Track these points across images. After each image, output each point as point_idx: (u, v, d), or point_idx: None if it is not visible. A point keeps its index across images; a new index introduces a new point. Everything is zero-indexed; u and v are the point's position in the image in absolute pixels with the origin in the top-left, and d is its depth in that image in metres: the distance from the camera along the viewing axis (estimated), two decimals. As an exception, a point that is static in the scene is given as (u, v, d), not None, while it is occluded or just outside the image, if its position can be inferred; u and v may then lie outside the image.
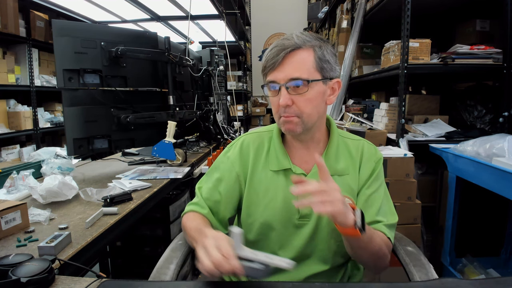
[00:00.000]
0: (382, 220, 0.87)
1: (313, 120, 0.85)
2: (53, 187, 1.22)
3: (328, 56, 0.84)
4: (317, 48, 0.82)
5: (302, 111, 0.82)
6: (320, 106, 0.85)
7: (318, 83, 0.82)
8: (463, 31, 2.40)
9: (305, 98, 0.81)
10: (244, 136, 0.99)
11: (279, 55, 0.80)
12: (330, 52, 0.85)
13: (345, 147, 0.93)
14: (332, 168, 0.88)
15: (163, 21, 3.40)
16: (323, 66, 0.83)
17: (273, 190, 0.91)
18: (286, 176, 0.90)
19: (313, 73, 0.82)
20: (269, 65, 0.82)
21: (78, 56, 1.50)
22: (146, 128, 1.78)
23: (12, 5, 3.04)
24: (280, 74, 0.81)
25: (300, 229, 0.90)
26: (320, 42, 0.84)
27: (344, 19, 3.41)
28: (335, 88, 0.88)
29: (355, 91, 3.42)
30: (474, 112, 2.26)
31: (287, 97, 0.81)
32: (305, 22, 7.02)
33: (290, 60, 0.81)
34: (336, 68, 0.86)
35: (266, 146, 0.94)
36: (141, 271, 1.71)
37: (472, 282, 0.66)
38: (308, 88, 0.81)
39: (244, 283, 0.79)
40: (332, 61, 0.84)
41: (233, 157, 0.95)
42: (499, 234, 2.03)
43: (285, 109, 0.82)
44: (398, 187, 1.86)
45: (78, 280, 0.70)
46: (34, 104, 3.43)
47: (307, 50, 0.82)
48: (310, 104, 0.82)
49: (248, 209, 0.93)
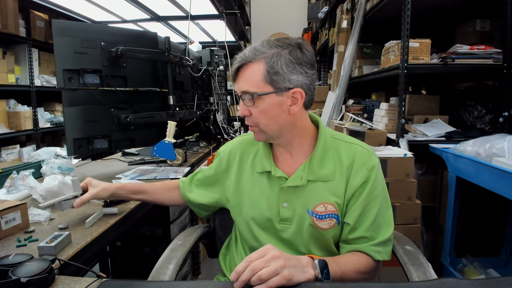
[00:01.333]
0: (372, 237, 0.85)
1: (274, 130, 0.86)
2: (53, 187, 1.22)
3: (279, 67, 0.80)
4: (268, 59, 0.80)
5: (258, 121, 0.86)
6: (279, 117, 0.84)
7: (270, 95, 0.82)
8: (463, 31, 2.40)
9: (258, 110, 0.84)
10: (240, 136, 1.05)
11: (233, 68, 0.86)
12: (287, 61, 0.80)
13: (335, 151, 0.89)
14: (315, 174, 0.87)
15: (163, 21, 3.40)
16: (273, 78, 0.81)
17: (257, 191, 0.93)
18: (268, 178, 0.92)
19: (262, 86, 0.82)
20: (231, 77, 0.88)
21: (78, 56, 1.50)
22: (146, 128, 1.78)
23: (12, 5, 3.04)
24: (236, 86, 0.86)
25: (282, 232, 0.90)
26: (279, 50, 0.81)
27: (344, 19, 3.41)
28: (297, 97, 0.83)
29: (355, 91, 3.41)
30: (474, 112, 2.26)
31: (244, 107, 0.86)
32: (305, 22, 7.02)
33: (241, 73, 0.85)
34: (292, 78, 0.81)
35: (256, 148, 0.98)
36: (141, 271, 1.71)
37: (472, 282, 0.66)
38: (255, 102, 0.83)
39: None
40: (285, 72, 0.80)
41: (223, 153, 1.04)
42: (499, 234, 2.03)
43: (245, 118, 0.87)
44: (398, 187, 1.86)
45: (78, 280, 0.70)
46: (34, 104, 3.43)
47: (257, 63, 0.82)
48: (265, 115, 0.84)
49: (236, 208, 0.98)
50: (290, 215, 0.88)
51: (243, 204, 0.95)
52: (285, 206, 0.89)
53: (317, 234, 0.88)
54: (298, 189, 0.88)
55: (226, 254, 1.09)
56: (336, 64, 3.55)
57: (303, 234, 0.88)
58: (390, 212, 0.90)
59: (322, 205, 0.87)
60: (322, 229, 0.87)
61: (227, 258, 1.07)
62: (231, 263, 1.03)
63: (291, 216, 0.88)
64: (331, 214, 0.87)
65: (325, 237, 0.88)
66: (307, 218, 0.87)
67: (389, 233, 0.87)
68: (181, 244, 0.95)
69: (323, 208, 0.86)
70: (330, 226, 0.87)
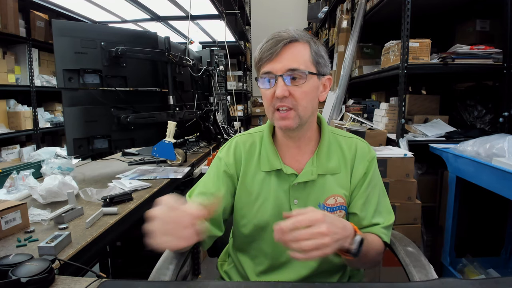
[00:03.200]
0: (379, 222, 0.88)
1: (308, 114, 0.84)
2: (53, 187, 1.22)
3: (322, 52, 0.85)
4: (313, 43, 0.83)
5: (298, 103, 0.81)
6: (314, 101, 0.86)
7: (313, 77, 0.83)
8: (463, 31, 2.40)
9: (302, 90, 0.81)
10: (236, 137, 0.98)
11: (277, 46, 0.79)
12: (323, 49, 0.86)
13: (337, 145, 0.93)
14: (323, 167, 0.88)
15: (163, 21, 3.40)
16: (319, 60, 0.84)
17: (265, 191, 0.90)
18: (277, 176, 0.90)
19: (309, 66, 0.82)
20: (266, 56, 0.81)
21: (78, 56, 1.50)
22: (146, 128, 1.78)
23: (12, 5, 3.04)
24: (278, 65, 0.80)
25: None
26: (314, 38, 0.86)
27: (344, 19, 3.41)
28: (327, 85, 0.88)
29: (355, 91, 3.42)
30: (474, 112, 2.26)
31: (284, 88, 0.80)
32: (305, 22, 7.02)
33: (288, 51, 0.80)
34: (328, 65, 0.87)
35: (258, 147, 0.94)
36: (141, 271, 1.71)
37: (472, 282, 0.66)
38: (305, 80, 0.81)
39: (244, 283, 0.79)
40: (325, 57, 0.86)
41: (225, 159, 0.94)
42: (499, 234, 2.03)
43: (281, 100, 0.81)
44: (398, 187, 1.86)
45: (78, 280, 0.70)
46: (34, 104, 3.43)
47: (303, 43, 0.82)
48: (306, 97, 0.82)
49: (241, 211, 0.93)
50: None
51: (248, 206, 0.92)
52: (296, 203, 0.88)
53: None
54: (309, 184, 0.88)
55: (224, 261, 1.08)
56: (336, 64, 3.55)
57: None
58: (388, 200, 0.94)
59: (332, 198, 0.88)
60: None
61: (225, 265, 1.06)
62: (229, 271, 1.03)
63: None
64: (340, 206, 0.89)
65: None
66: None
67: (392, 219, 0.91)
68: (181, 244, 0.95)
69: (334, 201, 0.88)
70: (340, 217, 0.87)
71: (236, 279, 1.00)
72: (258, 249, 0.93)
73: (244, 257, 0.98)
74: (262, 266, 0.94)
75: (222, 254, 1.10)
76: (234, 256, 1.01)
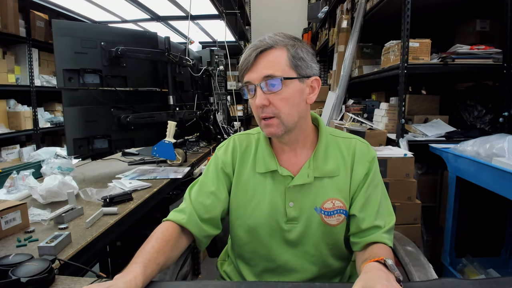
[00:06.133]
0: (381, 224, 0.85)
1: (294, 120, 0.83)
2: (53, 187, 1.22)
3: (302, 54, 0.82)
4: (290, 47, 0.81)
5: (280, 110, 0.80)
6: (299, 105, 0.83)
7: (293, 81, 0.81)
8: (463, 31, 2.40)
9: (281, 97, 0.80)
10: (234, 136, 0.98)
11: (251, 55, 0.80)
12: (305, 50, 0.83)
13: (336, 147, 0.90)
14: (320, 170, 0.87)
15: (163, 21, 3.41)
16: (297, 64, 0.81)
17: (260, 192, 0.89)
18: (273, 178, 0.89)
19: (287, 71, 0.80)
20: (243, 66, 0.82)
21: (78, 56, 1.50)
22: (146, 128, 1.78)
23: (12, 5, 3.04)
24: (254, 74, 0.80)
25: (288, 232, 0.88)
26: (294, 41, 0.83)
27: (344, 19, 3.41)
28: (315, 87, 0.85)
29: (355, 91, 3.42)
30: (474, 112, 2.26)
31: (263, 96, 0.79)
32: (305, 22, 7.02)
33: (262, 59, 0.80)
34: (312, 65, 0.84)
35: (254, 148, 0.93)
36: (141, 271, 1.71)
37: (472, 282, 0.66)
38: (282, 86, 0.79)
39: (244, 283, 0.79)
40: (307, 59, 0.83)
41: (223, 157, 0.94)
42: (499, 234, 2.03)
43: (263, 109, 0.81)
44: (398, 187, 1.86)
45: (78, 280, 0.70)
46: (34, 104, 3.43)
47: (280, 49, 0.81)
48: (287, 103, 0.80)
49: (236, 211, 0.92)
50: (297, 214, 0.87)
51: (243, 207, 0.91)
52: (291, 205, 0.87)
53: (327, 231, 0.87)
54: (305, 187, 0.87)
55: (224, 260, 1.08)
56: (336, 64, 3.55)
57: (312, 232, 0.87)
58: (389, 201, 0.92)
59: (329, 202, 0.86)
60: (331, 225, 0.86)
61: (225, 265, 1.06)
62: (228, 271, 1.02)
63: (298, 215, 0.87)
64: (339, 210, 0.87)
65: (334, 233, 0.87)
66: (315, 216, 0.86)
67: (393, 221, 0.88)
68: (181, 244, 0.95)
69: (331, 205, 0.86)
70: (339, 222, 0.86)
71: (236, 279, 1.00)
72: (253, 251, 0.92)
73: (241, 258, 0.97)
74: (257, 268, 0.93)
75: (222, 254, 1.10)
76: (233, 256, 1.01)
